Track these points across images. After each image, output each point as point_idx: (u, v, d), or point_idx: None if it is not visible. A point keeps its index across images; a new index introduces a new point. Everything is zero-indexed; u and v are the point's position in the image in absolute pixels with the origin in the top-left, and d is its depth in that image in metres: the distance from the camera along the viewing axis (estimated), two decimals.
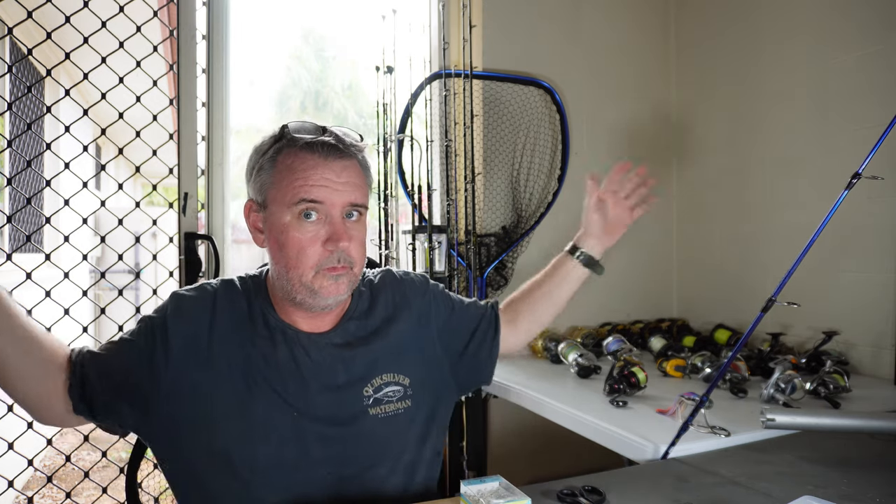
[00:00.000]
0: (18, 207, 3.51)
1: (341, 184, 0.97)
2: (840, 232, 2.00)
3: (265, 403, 0.98)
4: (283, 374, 1.00)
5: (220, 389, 0.97)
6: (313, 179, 0.96)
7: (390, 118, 2.20)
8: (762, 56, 2.39)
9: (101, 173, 6.15)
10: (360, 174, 1.02)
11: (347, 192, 0.98)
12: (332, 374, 1.03)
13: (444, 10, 2.27)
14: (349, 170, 0.99)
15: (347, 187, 0.98)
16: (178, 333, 0.98)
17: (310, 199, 0.95)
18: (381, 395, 1.04)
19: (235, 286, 1.07)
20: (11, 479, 1.64)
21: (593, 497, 1.01)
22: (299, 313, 1.04)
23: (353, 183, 0.99)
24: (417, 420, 1.08)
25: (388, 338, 1.10)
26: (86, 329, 1.83)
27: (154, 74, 1.87)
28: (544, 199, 2.50)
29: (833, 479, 1.10)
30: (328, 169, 0.97)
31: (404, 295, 1.16)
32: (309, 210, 0.96)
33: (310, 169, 0.96)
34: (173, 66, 1.82)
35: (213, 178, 1.91)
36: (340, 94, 12.38)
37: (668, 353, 2.12)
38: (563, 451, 2.15)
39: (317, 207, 0.96)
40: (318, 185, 0.96)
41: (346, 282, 1.00)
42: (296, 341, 1.03)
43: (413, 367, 1.10)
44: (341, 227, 0.97)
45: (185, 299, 1.03)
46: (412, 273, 1.22)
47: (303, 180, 0.95)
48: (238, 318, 1.03)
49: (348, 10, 14.03)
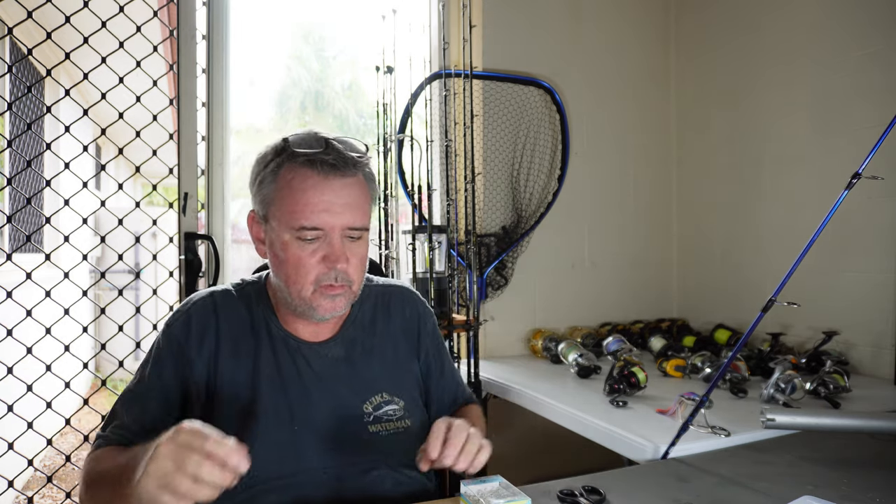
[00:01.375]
0: (18, 207, 3.50)
1: (341, 205, 0.97)
2: (840, 232, 2.00)
3: (268, 413, 0.99)
4: (286, 384, 1.02)
5: (226, 398, 1.00)
6: (313, 204, 0.96)
7: (390, 118, 2.20)
8: (762, 56, 2.39)
9: (101, 173, 6.15)
10: (363, 192, 1.01)
11: (347, 215, 0.98)
12: (334, 387, 1.04)
13: (444, 10, 2.26)
14: (350, 188, 0.99)
15: (347, 210, 0.98)
16: (193, 348, 1.02)
17: (310, 226, 0.96)
18: (380, 414, 1.06)
19: (232, 295, 1.08)
20: (11, 479, 1.64)
21: (593, 497, 1.02)
22: (300, 322, 1.06)
23: (353, 204, 0.99)
24: (421, 436, 1.04)
25: (388, 358, 1.12)
26: (86, 329, 1.83)
27: (154, 74, 1.86)
28: (544, 199, 2.50)
29: (833, 479, 1.10)
30: (328, 189, 0.97)
31: (417, 323, 1.18)
32: (307, 237, 0.97)
33: (310, 189, 0.96)
34: (173, 66, 1.82)
35: (213, 178, 1.91)
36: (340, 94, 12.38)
37: (668, 353, 2.12)
38: (563, 451, 2.15)
39: (316, 234, 0.97)
40: (319, 211, 0.96)
41: (343, 300, 1.01)
42: (298, 351, 1.05)
43: (407, 391, 1.12)
44: (339, 248, 0.98)
45: (184, 321, 1.05)
46: (429, 307, 1.24)
47: (303, 204, 0.96)
48: (240, 329, 1.05)
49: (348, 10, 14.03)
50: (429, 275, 2.01)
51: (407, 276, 2.13)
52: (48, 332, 1.65)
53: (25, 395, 1.61)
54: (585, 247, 2.64)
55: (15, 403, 1.62)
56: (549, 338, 2.32)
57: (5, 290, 1.61)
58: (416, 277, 2.05)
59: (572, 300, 2.60)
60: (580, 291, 2.62)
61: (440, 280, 2.05)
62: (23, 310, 1.63)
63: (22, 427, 1.64)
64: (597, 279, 2.65)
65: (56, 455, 3.79)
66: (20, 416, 1.63)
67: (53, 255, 1.86)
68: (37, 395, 1.61)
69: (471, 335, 2.07)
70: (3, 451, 1.61)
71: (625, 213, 2.72)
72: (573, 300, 2.60)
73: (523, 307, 2.50)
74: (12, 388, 1.61)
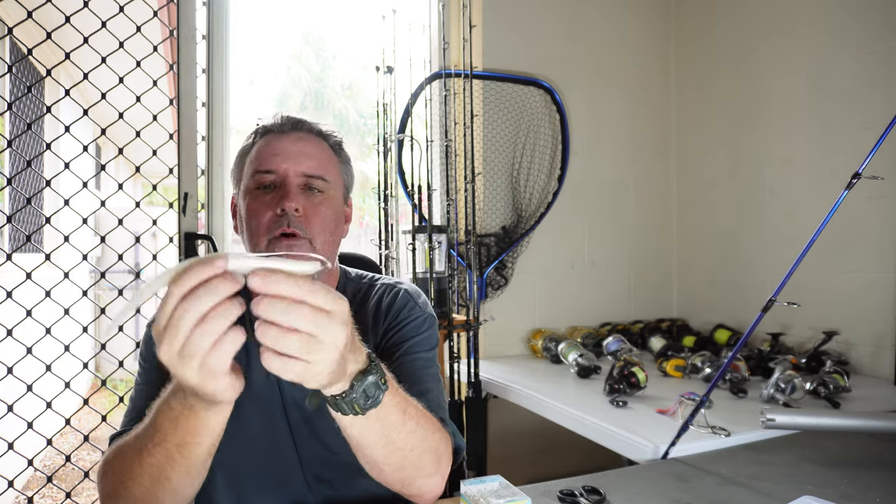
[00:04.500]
0: (18, 207, 3.50)
1: (296, 152, 0.95)
2: (840, 232, 2.00)
3: (251, 418, 0.94)
4: (256, 389, 0.94)
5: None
6: (266, 150, 0.96)
7: (390, 118, 2.20)
8: (762, 57, 2.39)
9: (101, 173, 6.14)
10: (323, 150, 1.00)
11: (302, 161, 0.95)
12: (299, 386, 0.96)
13: (444, 10, 2.26)
14: (307, 142, 0.98)
15: (302, 157, 0.96)
16: None
17: (263, 169, 0.95)
18: None
19: None
20: (11, 479, 1.64)
21: (593, 497, 1.01)
22: None
23: (310, 154, 0.97)
24: None
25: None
26: (86, 329, 1.83)
27: (154, 74, 1.86)
28: (544, 199, 2.50)
29: (833, 479, 1.10)
30: (284, 139, 0.97)
31: (387, 313, 1.01)
32: (263, 181, 0.94)
33: (268, 145, 0.97)
34: (173, 66, 1.82)
35: (213, 178, 1.91)
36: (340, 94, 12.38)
37: (668, 353, 2.12)
38: (563, 451, 2.15)
39: (271, 179, 0.94)
40: (272, 155, 0.95)
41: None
42: None
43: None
44: (292, 190, 0.93)
45: None
46: (428, 308, 1.05)
47: (259, 155, 0.97)
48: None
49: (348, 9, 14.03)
50: (429, 275, 2.01)
51: (407, 276, 2.13)
52: (48, 332, 1.65)
53: (25, 395, 1.61)
54: (585, 247, 2.64)
55: (15, 403, 1.62)
56: (549, 338, 2.32)
57: (5, 290, 1.61)
58: (416, 277, 2.05)
59: (572, 300, 2.60)
60: (580, 291, 2.62)
61: (440, 280, 2.05)
62: (23, 310, 1.63)
63: (22, 427, 1.64)
64: (597, 279, 2.66)
65: (56, 455, 3.79)
66: (20, 416, 1.63)
67: (53, 255, 1.86)
68: (37, 395, 1.61)
69: (471, 335, 2.07)
70: (3, 451, 1.61)
71: (625, 213, 2.72)
72: (573, 300, 2.60)
73: (523, 307, 2.50)
74: (12, 388, 1.61)
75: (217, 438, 0.71)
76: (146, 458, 0.72)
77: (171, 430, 0.69)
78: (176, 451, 0.70)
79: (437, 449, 0.83)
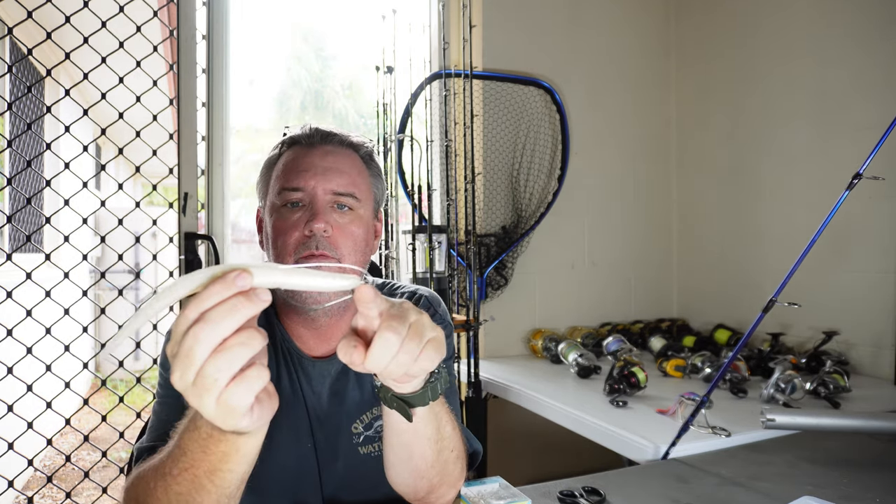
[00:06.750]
0: (18, 207, 3.50)
1: (324, 168, 0.91)
2: (840, 232, 2.00)
3: (274, 432, 0.91)
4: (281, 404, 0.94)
5: None
6: (295, 165, 0.92)
7: (390, 118, 2.20)
8: (763, 57, 2.39)
9: (101, 173, 6.14)
10: (354, 164, 0.96)
11: (332, 178, 0.91)
12: (323, 408, 0.96)
13: (444, 10, 2.26)
14: (336, 156, 0.94)
15: (332, 173, 0.91)
16: None
17: (290, 186, 0.91)
18: (371, 433, 0.96)
19: None
20: (11, 479, 1.64)
21: (593, 497, 1.01)
22: (302, 326, 0.96)
23: (339, 170, 0.92)
24: None
25: None
26: (86, 329, 1.83)
27: (154, 74, 1.87)
28: (544, 199, 2.50)
29: (833, 479, 1.10)
30: (313, 154, 0.93)
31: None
32: (290, 199, 0.91)
33: (295, 159, 0.93)
34: (173, 66, 1.82)
35: (213, 178, 1.91)
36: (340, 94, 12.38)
37: (668, 353, 2.12)
38: (563, 451, 2.15)
39: (299, 197, 0.91)
40: (299, 171, 0.91)
41: None
42: (299, 367, 0.96)
43: None
44: (321, 210, 0.89)
45: None
46: (447, 317, 1.06)
47: (286, 171, 0.93)
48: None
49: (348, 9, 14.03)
50: (429, 275, 2.01)
51: (407, 276, 2.13)
52: (48, 332, 1.65)
53: (25, 395, 1.61)
54: (585, 247, 2.64)
55: (15, 403, 1.62)
56: (549, 338, 2.32)
57: (5, 290, 1.61)
58: (416, 277, 2.05)
59: (572, 300, 2.60)
60: (580, 291, 2.62)
61: (440, 280, 2.05)
62: (23, 310, 1.63)
63: (22, 427, 1.64)
64: (597, 279, 2.66)
65: (56, 455, 3.78)
66: (20, 416, 1.63)
67: (53, 255, 1.86)
68: (37, 395, 1.61)
69: (471, 335, 2.07)
70: (3, 451, 1.61)
71: (625, 212, 2.72)
72: (573, 300, 2.60)
73: (523, 307, 2.50)
74: (12, 388, 1.61)
75: (252, 463, 0.63)
76: (172, 486, 0.65)
77: (199, 455, 0.61)
78: (206, 479, 0.62)
79: (462, 456, 0.85)
